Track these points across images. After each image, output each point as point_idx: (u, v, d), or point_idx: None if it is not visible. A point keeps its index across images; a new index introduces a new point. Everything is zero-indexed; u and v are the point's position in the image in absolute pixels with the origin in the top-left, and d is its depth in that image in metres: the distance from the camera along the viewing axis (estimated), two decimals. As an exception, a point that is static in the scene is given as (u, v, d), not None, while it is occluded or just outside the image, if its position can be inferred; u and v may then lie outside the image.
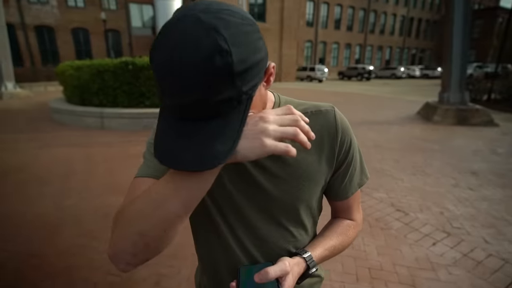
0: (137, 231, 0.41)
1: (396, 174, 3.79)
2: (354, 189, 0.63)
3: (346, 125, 0.59)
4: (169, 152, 0.39)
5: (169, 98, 0.39)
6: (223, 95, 0.37)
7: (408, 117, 7.87)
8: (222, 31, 0.36)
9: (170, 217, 0.41)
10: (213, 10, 0.37)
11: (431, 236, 2.40)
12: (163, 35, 0.37)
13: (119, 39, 21.76)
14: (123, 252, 0.43)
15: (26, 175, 3.72)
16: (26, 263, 2.05)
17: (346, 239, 0.64)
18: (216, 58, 0.35)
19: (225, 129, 0.39)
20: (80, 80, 6.74)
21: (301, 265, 0.55)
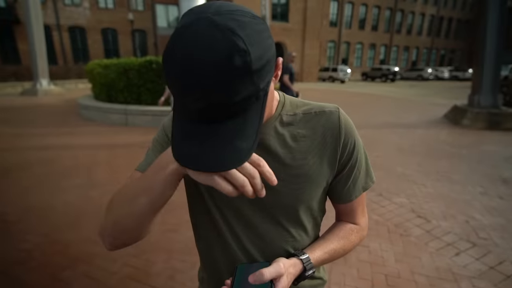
0: (114, 219, 0.49)
1: (419, 179, 3.64)
2: (358, 192, 0.61)
3: (350, 126, 0.58)
4: (192, 156, 0.39)
5: (187, 101, 0.38)
6: (242, 94, 0.38)
7: (434, 121, 7.54)
8: (238, 32, 0.36)
9: (138, 211, 0.46)
10: (225, 11, 0.38)
11: (455, 245, 2.28)
12: (177, 38, 0.37)
13: (145, 38, 22.48)
14: (105, 234, 0.50)
15: (54, 166, 3.94)
16: (51, 249, 2.17)
17: (347, 243, 0.62)
18: (235, 58, 0.35)
19: (245, 127, 0.40)
20: (107, 78, 7.04)
21: (298, 266, 0.54)
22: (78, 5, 20.05)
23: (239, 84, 0.37)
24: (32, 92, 12.23)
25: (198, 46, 0.35)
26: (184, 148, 0.40)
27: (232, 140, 0.39)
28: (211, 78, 0.35)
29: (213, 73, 0.35)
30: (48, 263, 2.03)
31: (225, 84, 0.36)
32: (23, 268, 1.97)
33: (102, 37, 21.10)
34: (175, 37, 0.38)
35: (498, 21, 6.63)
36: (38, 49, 11.96)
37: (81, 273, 1.93)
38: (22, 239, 2.30)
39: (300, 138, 0.55)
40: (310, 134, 0.56)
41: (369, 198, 3.06)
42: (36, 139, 5.34)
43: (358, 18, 29.57)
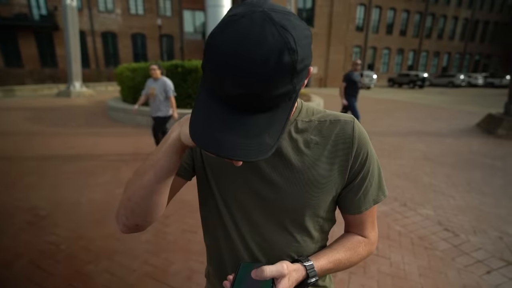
0: (126, 196, 0.53)
1: (447, 190, 3.45)
2: (369, 204, 0.60)
3: (364, 137, 0.58)
4: (215, 140, 0.39)
5: (227, 86, 0.39)
6: (280, 90, 0.39)
7: (465, 129, 7.14)
8: (291, 31, 0.38)
9: (145, 184, 0.50)
10: (280, 10, 0.40)
11: (485, 263, 2.13)
12: (230, 24, 0.38)
13: (172, 43, 23.23)
14: (120, 214, 0.55)
15: (83, 164, 4.14)
16: (76, 244, 2.28)
17: (354, 256, 0.61)
18: (285, 55, 0.37)
19: (273, 123, 0.41)
20: (134, 81, 7.33)
21: (300, 272, 0.53)
22: (111, 11, 21.12)
23: (280, 80, 0.38)
24: (66, 93, 13.00)
25: (251, 35, 0.37)
26: (207, 130, 0.40)
27: (260, 133, 0.40)
28: (258, 69, 0.37)
29: (261, 64, 0.36)
30: (73, 256, 2.13)
31: (269, 77, 0.37)
32: (51, 260, 2.08)
33: (132, 42, 22.05)
34: (227, 22, 0.39)
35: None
36: (73, 53, 12.71)
37: (103, 269, 2.00)
38: (51, 232, 2.44)
39: (313, 145, 0.56)
40: (322, 141, 0.56)
41: (392, 208, 2.94)
42: (67, 138, 5.66)
43: (386, 22, 28.78)
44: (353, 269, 2.02)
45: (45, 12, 19.35)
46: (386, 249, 2.27)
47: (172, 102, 4.18)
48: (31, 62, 19.26)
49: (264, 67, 0.36)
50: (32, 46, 19.21)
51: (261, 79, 0.37)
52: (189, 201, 2.94)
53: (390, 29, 29.45)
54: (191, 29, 23.43)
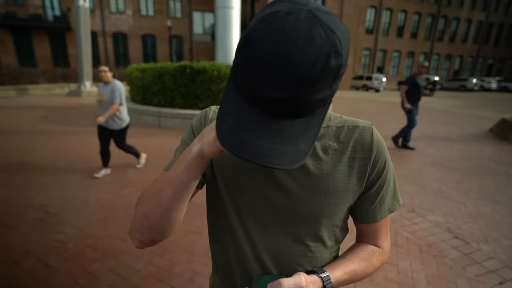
0: (142, 214, 0.50)
1: (457, 197, 3.37)
2: (384, 214, 0.59)
3: (382, 145, 0.56)
4: (257, 148, 0.36)
5: (265, 88, 0.36)
6: (320, 95, 0.37)
7: (477, 135, 6.98)
8: (338, 34, 0.36)
9: (164, 202, 0.48)
10: (324, 10, 0.37)
11: (498, 273, 2.07)
12: (273, 22, 0.35)
13: (181, 44, 23.46)
14: (135, 231, 0.52)
15: (91, 163, 4.20)
16: (83, 242, 2.30)
17: (369, 266, 0.59)
18: (331, 58, 0.35)
19: (308, 129, 0.39)
20: (143, 82, 7.41)
21: (317, 284, 0.51)
22: (122, 12, 21.48)
23: (323, 85, 0.36)
24: (77, 93, 13.24)
25: (298, 36, 0.34)
26: (240, 135, 0.37)
27: (296, 139, 0.38)
28: (303, 72, 0.34)
29: (307, 68, 0.34)
30: (79, 255, 2.15)
31: (313, 81, 0.35)
32: (58, 258, 2.11)
33: (142, 43, 22.37)
34: (272, 18, 0.36)
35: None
36: (85, 53, 12.94)
37: (108, 268, 2.01)
38: (59, 230, 2.47)
39: (331, 151, 0.55)
40: (340, 148, 0.55)
41: (399, 214, 2.88)
42: (78, 137, 5.75)
43: (397, 25, 28.48)
44: (359, 276, 1.98)
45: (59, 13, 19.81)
46: (393, 256, 2.23)
47: (111, 109, 3.36)
48: (45, 62, 19.72)
49: (310, 70, 0.34)
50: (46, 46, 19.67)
51: (304, 83, 0.35)
52: (196, 203, 2.93)
53: (401, 32, 29.12)
54: (201, 31, 23.63)
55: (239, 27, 8.14)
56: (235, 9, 8.05)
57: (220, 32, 8.07)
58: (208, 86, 6.70)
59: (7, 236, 2.36)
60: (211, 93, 6.76)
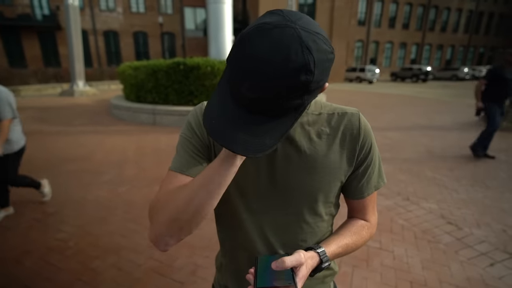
0: (169, 218, 0.50)
1: (450, 184, 3.45)
2: (371, 190, 0.66)
3: (368, 129, 0.63)
4: (224, 133, 0.43)
5: (243, 87, 0.42)
6: (290, 104, 0.43)
7: (469, 123, 7.09)
8: (314, 54, 0.40)
9: (197, 204, 0.49)
10: (311, 31, 0.41)
11: (489, 255, 2.14)
12: (261, 32, 0.40)
13: (173, 41, 23.22)
14: (162, 236, 0.51)
15: (87, 163, 4.19)
16: (84, 240, 2.32)
17: (359, 239, 0.66)
18: (302, 75, 0.40)
19: (277, 128, 0.45)
20: (137, 79, 7.36)
21: (315, 259, 0.58)
22: (113, 10, 21.14)
23: (292, 95, 0.42)
24: (69, 93, 13.08)
25: (277, 48, 0.39)
26: (220, 125, 0.44)
27: (264, 134, 0.44)
28: (275, 80, 0.39)
29: (279, 77, 0.39)
30: (81, 252, 2.17)
31: (283, 90, 0.40)
32: (59, 256, 2.13)
33: (134, 40, 22.08)
34: (259, 29, 0.40)
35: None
36: (76, 53, 12.76)
37: (110, 264, 2.04)
38: (59, 229, 2.48)
39: (324, 136, 0.60)
40: (332, 132, 0.61)
41: (395, 202, 2.95)
42: (71, 137, 5.72)
43: (388, 16, 28.49)
44: (356, 262, 2.04)
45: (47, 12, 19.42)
46: (389, 242, 2.29)
47: (2, 129, 2.34)
48: (35, 62, 19.38)
49: (281, 80, 0.39)
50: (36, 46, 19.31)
51: (276, 90, 0.40)
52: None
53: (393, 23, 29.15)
54: (192, 26, 23.39)
55: (231, 22, 8.10)
56: (226, 4, 7.99)
57: (212, 28, 8.02)
58: (202, 82, 6.69)
59: (6, 237, 2.37)
60: (205, 89, 6.75)
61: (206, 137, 0.60)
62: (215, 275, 0.79)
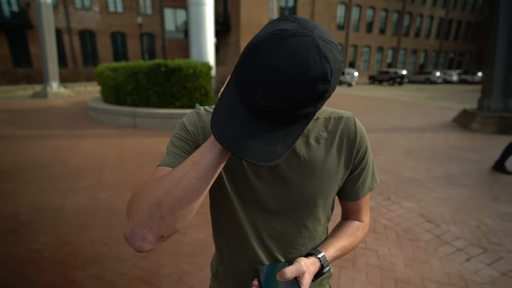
0: (152, 202, 0.44)
1: (428, 183, 3.60)
2: (365, 192, 0.68)
3: (364, 132, 0.64)
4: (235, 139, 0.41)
5: (257, 94, 0.41)
6: (304, 111, 0.43)
7: (442, 124, 7.45)
8: (331, 63, 0.40)
9: (185, 185, 0.44)
10: (327, 40, 0.41)
11: (465, 251, 2.25)
12: (279, 39, 0.39)
13: (153, 42, 22.77)
14: (140, 227, 0.44)
15: (64, 168, 4.00)
16: (62, 250, 2.21)
17: (355, 240, 0.68)
18: (319, 84, 0.39)
19: (287, 136, 0.44)
20: (116, 81, 7.14)
21: (316, 264, 0.59)
22: (89, 9, 20.43)
23: (307, 104, 0.41)
24: (42, 94, 12.47)
25: (296, 57, 0.38)
26: (230, 132, 0.42)
27: (275, 142, 0.43)
28: (292, 90, 0.39)
29: (297, 86, 0.39)
30: (59, 263, 2.06)
31: (299, 99, 0.40)
32: (35, 268, 2.01)
33: (111, 41, 21.44)
34: (276, 36, 0.39)
35: (510, 23, 6.55)
36: (49, 52, 12.20)
37: (91, 274, 1.95)
38: (34, 239, 2.34)
39: (322, 140, 0.61)
40: (330, 137, 0.62)
41: (377, 203, 3.03)
42: (46, 141, 5.44)
43: (366, 21, 29.46)
44: (343, 263, 2.08)
45: (16, 9, 18.45)
46: (373, 242, 2.35)
47: None
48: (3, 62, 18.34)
49: (298, 89, 0.39)
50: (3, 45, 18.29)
51: (291, 99, 0.40)
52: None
53: (370, 28, 30.14)
54: (173, 28, 23.06)
55: (213, 24, 8.05)
56: (208, 5, 7.93)
57: (193, 30, 7.93)
58: (183, 85, 6.60)
59: (-24, 250, 2.22)
60: (187, 91, 6.66)
61: (200, 138, 0.58)
62: (211, 283, 0.77)
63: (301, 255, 0.63)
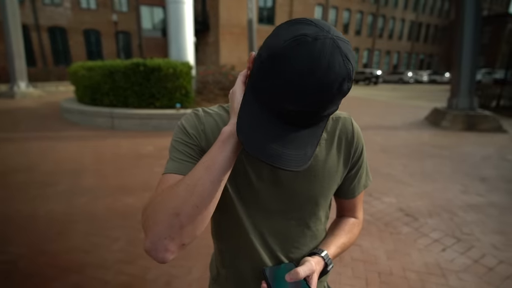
0: (170, 213, 0.44)
1: (405, 179, 3.77)
2: (361, 189, 0.70)
3: (360, 133, 0.67)
4: (274, 153, 0.42)
5: (287, 102, 0.41)
6: (329, 111, 0.44)
7: (416, 123, 7.81)
8: (352, 62, 0.41)
9: (201, 191, 0.45)
10: (344, 40, 0.42)
11: (441, 241, 2.38)
12: (301, 46, 0.39)
13: (129, 40, 22.06)
14: (161, 239, 0.44)
15: (36, 173, 3.80)
16: (38, 260, 2.09)
17: (352, 236, 0.71)
18: (345, 83, 0.41)
19: (314, 136, 0.46)
20: (91, 81, 6.86)
21: (321, 263, 0.60)
22: (58, 4, 19.43)
23: (333, 103, 0.43)
24: (9, 94, 11.73)
25: (323, 60, 0.39)
26: (258, 140, 0.42)
27: (306, 145, 0.45)
28: (323, 92, 0.40)
29: (325, 90, 0.40)
30: (35, 275, 1.95)
31: (328, 100, 0.41)
32: (7, 282, 1.89)
33: (85, 39, 20.53)
34: (300, 42, 0.39)
35: (474, 28, 6.98)
36: (16, 49, 11.51)
37: (72, 284, 1.87)
38: (3, 251, 2.19)
39: (322, 141, 0.62)
40: (329, 138, 0.63)
41: (358, 199, 3.14)
42: (15, 144, 5.13)
43: (342, 22, 30.21)
44: (328, 259, 2.13)
45: (-23, 3, 17.19)
46: (356, 237, 2.43)
47: None
48: (-38, 60, 17.03)
49: (327, 91, 0.40)
50: (-37, 42, 16.97)
51: (321, 101, 0.41)
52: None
53: (347, 29, 30.91)
54: (150, 26, 22.47)
55: (192, 23, 7.94)
56: (187, 4, 7.81)
57: (172, 28, 7.76)
58: (164, 85, 6.46)
59: None
60: (167, 91, 6.53)
61: (203, 142, 0.57)
62: (211, 286, 0.76)
63: (303, 254, 0.64)
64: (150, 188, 3.30)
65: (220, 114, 0.61)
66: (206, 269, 1.98)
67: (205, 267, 2.02)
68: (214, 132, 0.58)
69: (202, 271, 1.99)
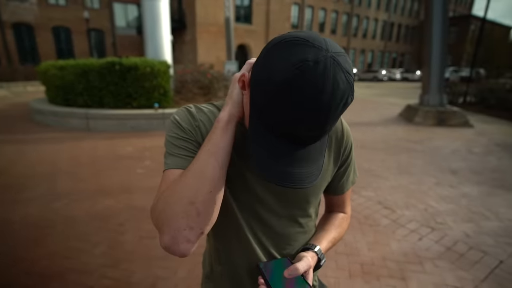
0: (187, 201, 0.46)
1: (383, 173, 3.93)
2: (349, 186, 0.73)
3: (349, 130, 0.69)
4: (287, 174, 0.44)
5: (301, 129, 0.43)
6: (335, 123, 0.45)
7: (391, 119, 8.14)
8: (352, 73, 0.42)
9: (210, 176, 0.48)
10: (341, 53, 0.42)
11: (417, 231, 2.52)
12: (308, 72, 0.39)
13: (102, 38, 21.22)
14: (180, 230, 0.45)
15: (6, 177, 3.59)
16: (14, 268, 1.99)
17: (342, 231, 0.73)
18: (349, 97, 0.42)
19: (320, 151, 0.48)
20: (64, 80, 6.55)
21: (314, 258, 0.62)
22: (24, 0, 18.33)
23: (339, 116, 0.44)
24: (-29, 96, 10.94)
25: (328, 84, 0.39)
26: (274, 166, 0.44)
27: (318, 159, 0.48)
28: (332, 113, 0.41)
29: (333, 109, 0.41)
30: (12, 284, 1.86)
31: (336, 118, 0.43)
32: (-16, 291, 1.79)
33: (54, 36, 19.49)
34: (302, 70, 0.39)
35: (442, 28, 7.37)
36: (-23, 48, 10.74)
37: (54, 290, 1.80)
38: (-22, 259, 2.08)
39: None
40: None
41: (340, 194, 3.24)
42: (-18, 149, 4.81)
43: (318, 21, 30.75)
44: (313, 253, 2.19)
45: None
46: (339, 230, 2.51)
47: None
48: None
49: (335, 110, 0.41)
50: None
51: (331, 122, 0.43)
52: (143, 207, 2.81)
53: (322, 28, 31.50)
54: (123, 24, 21.73)
55: (169, 21, 7.78)
56: (162, 1, 7.64)
57: (148, 26, 7.56)
58: (141, 84, 6.30)
59: None
60: (145, 91, 6.38)
61: (199, 137, 0.57)
62: (204, 284, 0.77)
63: (295, 250, 0.67)
64: (131, 189, 3.23)
65: (213, 111, 0.61)
66: (193, 268, 1.98)
67: (191, 266, 2.01)
68: (208, 128, 0.58)
69: (187, 271, 1.98)
